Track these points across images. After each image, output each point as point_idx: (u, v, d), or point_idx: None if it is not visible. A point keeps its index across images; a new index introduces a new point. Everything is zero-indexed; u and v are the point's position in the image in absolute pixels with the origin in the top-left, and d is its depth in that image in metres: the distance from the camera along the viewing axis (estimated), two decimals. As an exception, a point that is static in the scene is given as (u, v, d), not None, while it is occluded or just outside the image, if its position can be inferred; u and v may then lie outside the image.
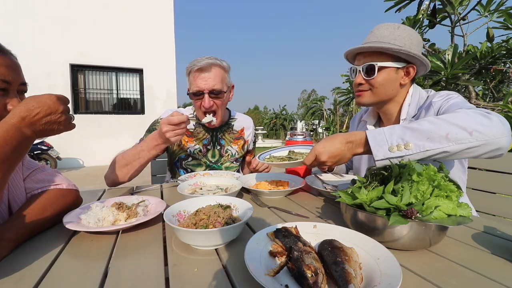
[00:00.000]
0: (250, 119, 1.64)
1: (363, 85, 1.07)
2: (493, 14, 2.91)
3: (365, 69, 1.04)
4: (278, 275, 0.48)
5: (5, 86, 0.67)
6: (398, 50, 0.97)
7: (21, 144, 0.59)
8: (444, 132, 0.70)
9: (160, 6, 8.01)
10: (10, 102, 0.68)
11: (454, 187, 0.62)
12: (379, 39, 1.02)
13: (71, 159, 7.38)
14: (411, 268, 0.54)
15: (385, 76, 1.03)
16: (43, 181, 0.84)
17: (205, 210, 0.71)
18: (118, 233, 0.73)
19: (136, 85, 8.19)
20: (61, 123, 0.66)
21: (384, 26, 1.05)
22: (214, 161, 1.46)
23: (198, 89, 1.25)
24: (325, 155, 0.82)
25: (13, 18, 6.69)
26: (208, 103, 1.26)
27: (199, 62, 1.23)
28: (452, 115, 0.74)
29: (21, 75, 0.72)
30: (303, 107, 41.93)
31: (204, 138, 1.44)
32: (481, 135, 0.69)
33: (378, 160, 0.73)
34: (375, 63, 1.01)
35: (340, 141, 0.81)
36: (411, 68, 1.03)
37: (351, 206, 0.67)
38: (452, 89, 3.05)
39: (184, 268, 0.55)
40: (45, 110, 0.61)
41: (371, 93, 1.07)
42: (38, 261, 0.58)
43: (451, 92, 0.99)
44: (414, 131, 0.72)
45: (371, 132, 0.77)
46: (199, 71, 1.24)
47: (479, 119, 0.71)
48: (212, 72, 1.25)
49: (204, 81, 1.24)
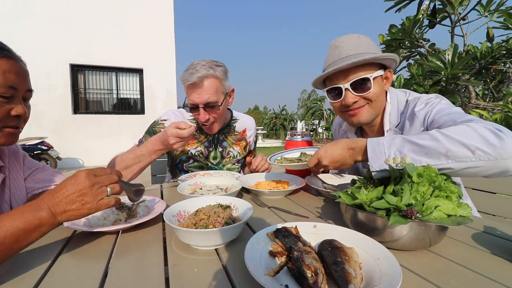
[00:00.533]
0: (252, 119, 1.63)
1: (357, 102, 0.98)
2: (493, 14, 2.91)
3: (356, 85, 0.95)
4: (278, 275, 0.48)
5: (12, 93, 0.66)
6: (382, 57, 0.94)
7: (42, 229, 0.56)
8: (444, 149, 0.66)
9: (160, 6, 8.01)
10: (15, 108, 0.68)
11: (455, 187, 0.62)
12: (355, 51, 0.95)
13: (71, 159, 7.38)
14: (411, 268, 0.54)
15: (379, 86, 0.98)
16: (44, 181, 0.85)
17: (205, 210, 0.71)
18: (118, 233, 0.73)
19: (136, 85, 8.19)
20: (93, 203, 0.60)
21: (345, 38, 0.99)
22: (215, 163, 1.46)
23: (193, 103, 1.25)
24: (326, 159, 0.84)
25: (13, 18, 6.69)
26: (203, 117, 1.26)
27: (190, 76, 1.20)
28: (458, 129, 0.69)
29: (28, 81, 0.72)
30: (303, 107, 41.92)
31: (206, 140, 1.44)
32: (486, 155, 0.63)
33: (373, 171, 0.73)
34: (369, 76, 0.94)
35: (342, 147, 0.82)
36: (389, 72, 1.01)
37: (351, 206, 0.67)
38: (452, 89, 3.05)
39: (184, 268, 0.55)
40: (78, 203, 0.57)
41: (370, 108, 0.99)
42: (38, 261, 0.58)
43: (430, 97, 0.95)
44: (414, 144, 0.69)
45: (372, 141, 0.75)
46: (192, 87, 1.22)
47: (487, 136, 0.64)
48: (204, 85, 1.21)
49: (197, 95, 1.22)
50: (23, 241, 0.52)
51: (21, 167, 0.83)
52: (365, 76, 0.94)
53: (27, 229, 0.52)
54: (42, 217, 0.54)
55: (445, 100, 0.94)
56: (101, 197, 0.60)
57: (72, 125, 7.38)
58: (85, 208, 0.58)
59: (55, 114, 7.15)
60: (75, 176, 0.58)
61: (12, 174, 0.80)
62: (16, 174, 0.81)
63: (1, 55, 0.64)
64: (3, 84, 0.63)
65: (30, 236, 0.53)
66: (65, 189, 0.57)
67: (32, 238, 0.53)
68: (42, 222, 0.54)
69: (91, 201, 0.58)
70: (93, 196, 0.58)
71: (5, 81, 0.63)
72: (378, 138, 0.76)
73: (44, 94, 6.83)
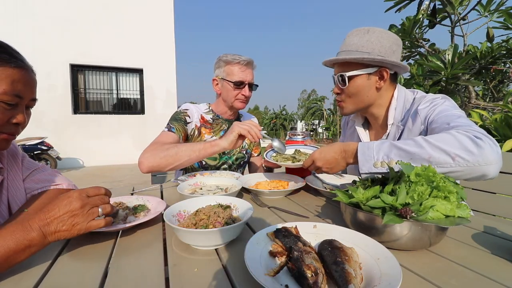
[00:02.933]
0: (254, 117, 1.80)
1: (340, 95, 1.09)
2: (493, 14, 2.92)
3: (339, 78, 1.06)
4: (278, 275, 0.48)
5: (17, 101, 0.66)
6: (361, 59, 0.97)
7: (31, 250, 0.55)
8: (427, 155, 0.71)
9: (160, 6, 8.00)
10: (17, 116, 0.67)
11: (453, 188, 0.62)
12: (348, 48, 1.02)
13: (71, 159, 7.38)
14: (411, 268, 0.54)
15: (358, 84, 1.03)
16: (43, 181, 0.84)
17: (205, 210, 0.71)
18: (118, 233, 0.73)
19: (136, 85, 8.18)
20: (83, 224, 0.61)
21: (355, 32, 1.04)
22: (227, 151, 1.52)
23: (242, 80, 1.41)
24: (320, 161, 0.91)
25: (13, 18, 6.68)
26: (248, 93, 1.45)
27: (241, 58, 1.41)
28: (440, 137, 0.74)
29: (34, 91, 0.72)
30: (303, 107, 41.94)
31: (221, 129, 1.52)
32: (464, 162, 0.69)
33: (362, 173, 0.78)
34: (344, 74, 1.02)
35: (335, 150, 0.89)
36: (384, 71, 1.00)
37: (348, 205, 0.68)
38: (452, 89, 3.05)
39: (184, 268, 0.55)
40: (69, 224, 0.58)
41: (348, 103, 1.09)
42: (38, 261, 0.58)
43: (436, 97, 0.97)
44: (400, 150, 0.74)
45: (362, 145, 0.81)
46: (246, 66, 1.42)
47: (466, 144, 0.70)
48: (252, 68, 1.47)
49: (247, 74, 1.43)
50: (12, 261, 0.52)
51: (20, 168, 0.83)
52: (342, 73, 1.03)
53: (18, 249, 0.52)
54: (33, 238, 0.54)
55: (449, 102, 0.95)
56: (92, 218, 0.60)
57: (72, 125, 7.37)
58: (75, 229, 0.58)
59: (55, 114, 7.15)
60: (68, 197, 0.59)
61: (11, 175, 0.80)
62: (14, 175, 0.81)
63: (15, 65, 0.64)
64: (10, 92, 0.63)
65: (19, 256, 0.53)
66: (57, 209, 0.57)
67: (21, 258, 0.53)
68: (32, 243, 0.54)
69: (81, 222, 0.59)
70: (84, 217, 0.59)
71: (12, 90, 0.63)
72: (369, 142, 0.82)
73: (44, 94, 6.82)
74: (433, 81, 2.94)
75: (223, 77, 1.44)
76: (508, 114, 2.43)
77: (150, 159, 1.14)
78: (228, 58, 1.43)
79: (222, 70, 1.44)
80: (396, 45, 1.02)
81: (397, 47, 1.02)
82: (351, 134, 1.30)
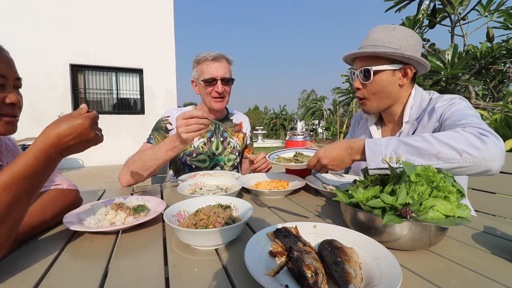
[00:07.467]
0: (245, 116, 1.77)
1: (361, 91, 1.08)
2: (493, 14, 2.92)
3: (362, 73, 1.05)
4: (278, 275, 0.49)
5: (2, 82, 0.67)
6: (392, 54, 0.97)
7: (48, 167, 0.59)
8: (435, 150, 0.72)
9: (160, 6, 8.00)
10: (8, 96, 0.69)
11: (453, 188, 0.62)
12: (374, 42, 1.02)
13: (71, 159, 7.37)
14: (411, 268, 0.54)
15: (383, 79, 1.03)
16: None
17: (205, 210, 0.71)
18: (118, 233, 0.73)
19: (136, 85, 8.18)
20: (89, 144, 0.66)
21: (380, 28, 1.05)
22: (217, 153, 1.52)
23: (212, 76, 1.36)
24: (326, 159, 0.90)
25: (13, 18, 6.68)
26: (221, 88, 1.38)
27: (209, 54, 1.37)
28: (447, 134, 0.76)
29: (15, 69, 0.73)
30: (303, 107, 41.93)
31: (208, 130, 1.51)
32: (471, 157, 0.71)
33: (371, 169, 0.78)
34: (370, 67, 1.02)
35: (340, 147, 0.88)
36: (408, 69, 1.03)
37: (349, 205, 0.68)
38: (452, 89, 3.05)
39: (184, 268, 0.55)
40: (76, 137, 0.62)
41: (372, 101, 1.08)
42: (38, 261, 0.58)
43: (454, 96, 0.99)
44: (408, 146, 0.75)
45: (370, 141, 0.81)
46: (213, 61, 1.37)
47: (472, 140, 0.72)
48: (223, 62, 1.40)
49: (217, 69, 1.37)
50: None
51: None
52: (367, 67, 1.02)
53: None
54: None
55: (466, 102, 0.97)
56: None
57: (72, 125, 7.36)
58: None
59: (55, 114, 7.14)
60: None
61: None
62: None
63: None
64: None
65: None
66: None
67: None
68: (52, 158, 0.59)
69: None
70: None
71: None
72: (375, 139, 0.82)
73: (44, 94, 6.81)
74: (433, 81, 2.94)
75: (197, 78, 1.42)
76: (508, 114, 2.43)
77: (125, 175, 1.21)
78: (199, 57, 1.40)
79: (196, 71, 1.43)
80: (419, 45, 1.05)
81: (420, 47, 1.05)
82: (362, 132, 1.30)
